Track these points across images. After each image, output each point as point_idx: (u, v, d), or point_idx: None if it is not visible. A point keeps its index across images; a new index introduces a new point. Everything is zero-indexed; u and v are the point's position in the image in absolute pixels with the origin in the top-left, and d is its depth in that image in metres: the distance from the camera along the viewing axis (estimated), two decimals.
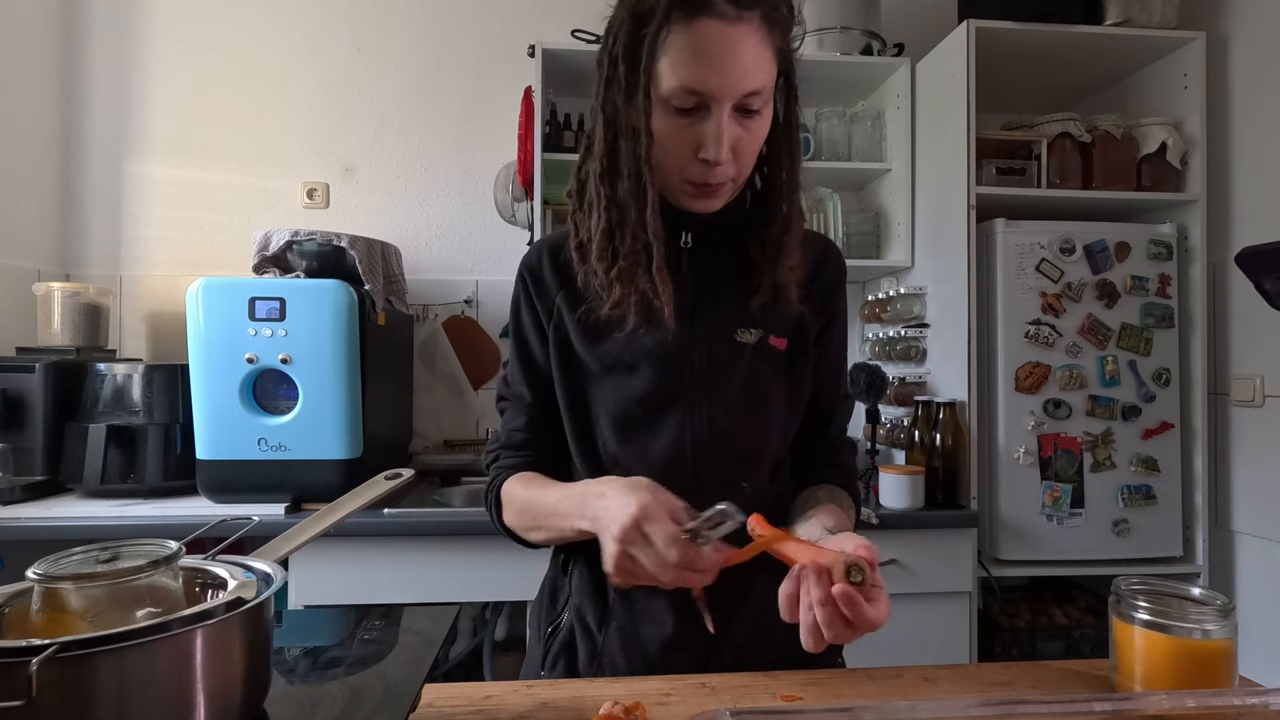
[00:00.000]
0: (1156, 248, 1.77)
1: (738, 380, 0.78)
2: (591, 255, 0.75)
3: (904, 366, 2.00)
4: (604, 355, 0.78)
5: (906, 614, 1.63)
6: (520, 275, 0.84)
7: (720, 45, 0.66)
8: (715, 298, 0.79)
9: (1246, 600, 1.76)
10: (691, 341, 0.77)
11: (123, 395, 1.64)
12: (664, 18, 0.67)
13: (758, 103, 0.69)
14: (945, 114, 1.80)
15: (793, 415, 0.83)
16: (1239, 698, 0.50)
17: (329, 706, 0.54)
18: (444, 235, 2.19)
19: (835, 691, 0.70)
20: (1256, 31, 1.77)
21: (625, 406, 0.78)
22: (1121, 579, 0.67)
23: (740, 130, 0.70)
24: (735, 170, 0.72)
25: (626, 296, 0.74)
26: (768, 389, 0.80)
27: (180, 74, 2.12)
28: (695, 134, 0.69)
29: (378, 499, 0.73)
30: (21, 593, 0.50)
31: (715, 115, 0.68)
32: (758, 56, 0.67)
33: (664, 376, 0.77)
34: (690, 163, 0.71)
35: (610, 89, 0.72)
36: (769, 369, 0.80)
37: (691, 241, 0.79)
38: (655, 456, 0.77)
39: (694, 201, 0.75)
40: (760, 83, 0.68)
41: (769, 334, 0.79)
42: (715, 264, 0.80)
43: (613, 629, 0.79)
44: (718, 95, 0.67)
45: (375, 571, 1.52)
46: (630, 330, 0.76)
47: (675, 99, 0.68)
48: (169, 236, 2.11)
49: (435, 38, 2.18)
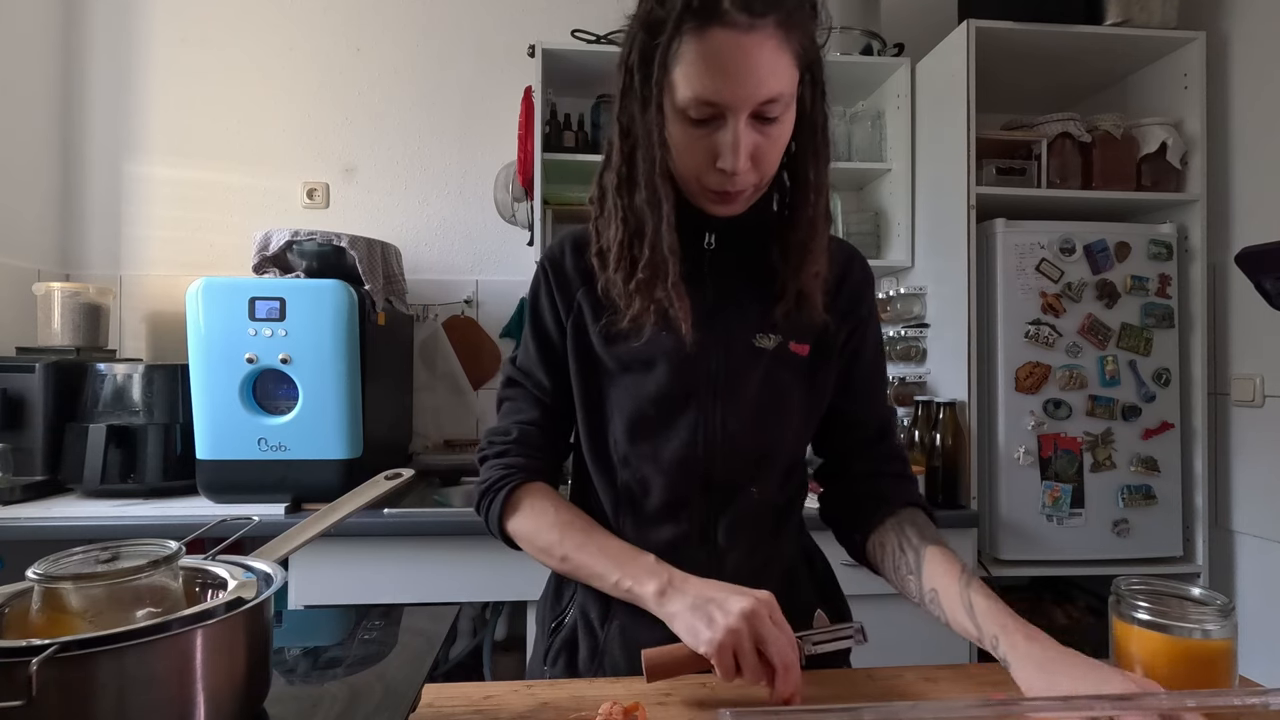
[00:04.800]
0: (1156, 248, 1.77)
1: (753, 385, 0.77)
2: (610, 265, 0.75)
3: (904, 366, 2.00)
4: (621, 354, 0.78)
5: (906, 614, 1.63)
6: (542, 265, 0.84)
7: (734, 55, 0.64)
8: (736, 301, 0.78)
9: (1246, 600, 1.76)
10: (709, 344, 0.77)
11: (123, 395, 1.64)
12: (675, 28, 0.65)
13: (776, 110, 0.67)
14: (945, 114, 1.80)
15: (809, 423, 0.82)
16: (1239, 698, 0.50)
17: (329, 706, 0.54)
18: (444, 235, 2.19)
19: (835, 691, 0.70)
20: (1256, 31, 1.77)
21: (639, 406, 0.77)
22: (1121, 579, 0.67)
23: (759, 137, 0.68)
24: (756, 177, 0.71)
25: (645, 309, 0.74)
26: (784, 395, 0.79)
27: (180, 74, 2.12)
28: (712, 144, 0.68)
29: (378, 499, 0.73)
30: (21, 593, 0.50)
31: (731, 125, 0.67)
32: (774, 63, 0.65)
33: (679, 378, 0.76)
34: (708, 171, 0.70)
35: (626, 99, 0.71)
36: (788, 375, 0.79)
37: (715, 243, 0.79)
38: (667, 457, 0.77)
39: (715, 207, 0.74)
40: (778, 89, 0.66)
41: (789, 339, 0.78)
42: (739, 267, 0.79)
43: (614, 628, 0.79)
44: (733, 106, 0.66)
45: (375, 571, 1.52)
46: (650, 331, 0.75)
47: (691, 110, 0.67)
48: (169, 236, 2.11)
49: (435, 37, 2.18)
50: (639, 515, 0.80)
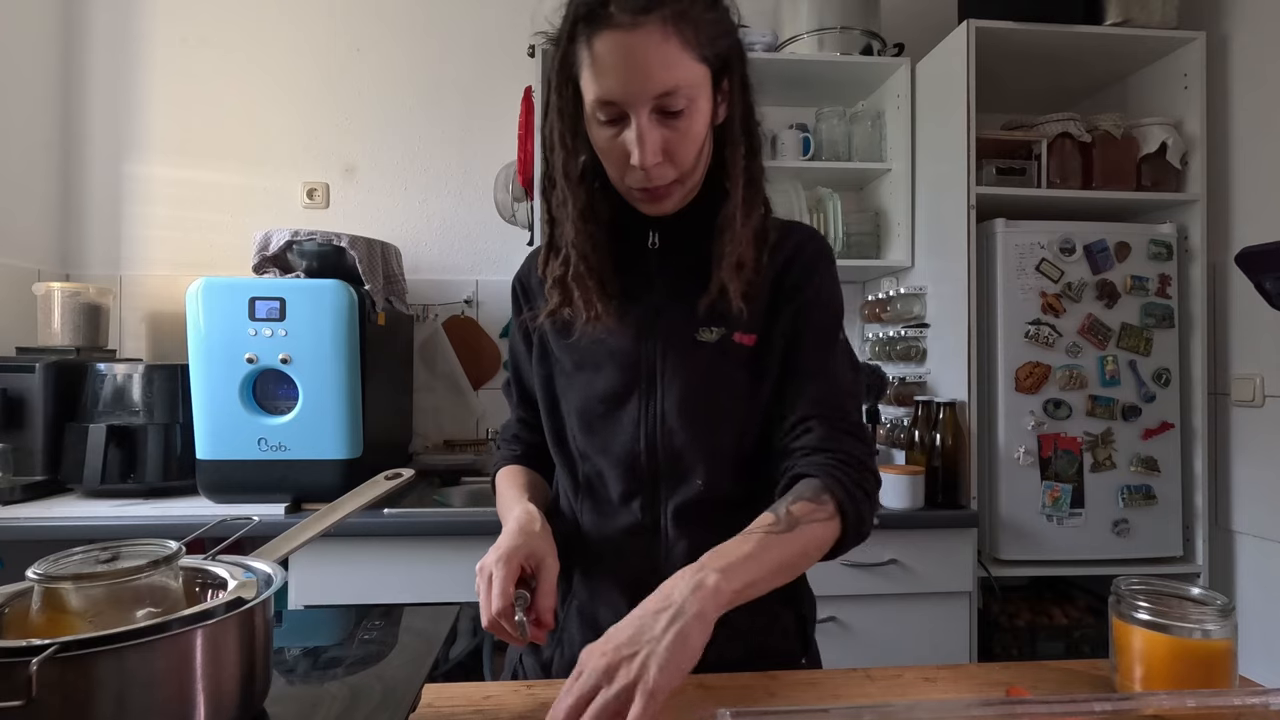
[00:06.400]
0: (1156, 248, 1.77)
1: (693, 379, 0.79)
2: (539, 263, 0.84)
3: (904, 366, 2.00)
4: (575, 353, 0.83)
5: (906, 614, 1.63)
6: (513, 288, 0.92)
7: (621, 53, 0.68)
8: (683, 298, 0.80)
9: (1246, 600, 1.76)
10: (651, 341, 0.80)
11: (123, 395, 1.64)
12: (572, 37, 0.70)
13: (678, 103, 0.69)
14: (945, 114, 1.80)
15: (755, 412, 0.79)
16: (1239, 698, 0.50)
17: (329, 706, 0.54)
18: (444, 235, 2.19)
19: (835, 692, 0.70)
20: (1256, 31, 1.77)
21: (588, 404, 0.82)
22: (1121, 579, 0.67)
23: (666, 132, 0.71)
24: (674, 172, 0.73)
25: (563, 304, 0.79)
26: (725, 387, 0.79)
27: (180, 74, 2.12)
28: (623, 142, 0.71)
29: (378, 499, 0.74)
30: (21, 593, 0.50)
31: (634, 122, 0.70)
32: (664, 57, 0.68)
33: (622, 375, 0.80)
34: (627, 171, 0.73)
35: (546, 107, 0.77)
36: (729, 366, 0.78)
37: (659, 242, 0.82)
38: (615, 450, 0.81)
39: (645, 206, 0.78)
40: (672, 83, 0.68)
41: (733, 331, 0.78)
42: (682, 264, 0.81)
43: (573, 608, 0.83)
44: (628, 102, 0.69)
45: (375, 571, 1.52)
46: (600, 331, 0.79)
47: (599, 112, 0.71)
48: (169, 236, 2.11)
49: (435, 37, 2.18)
50: (598, 504, 0.83)
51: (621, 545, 0.81)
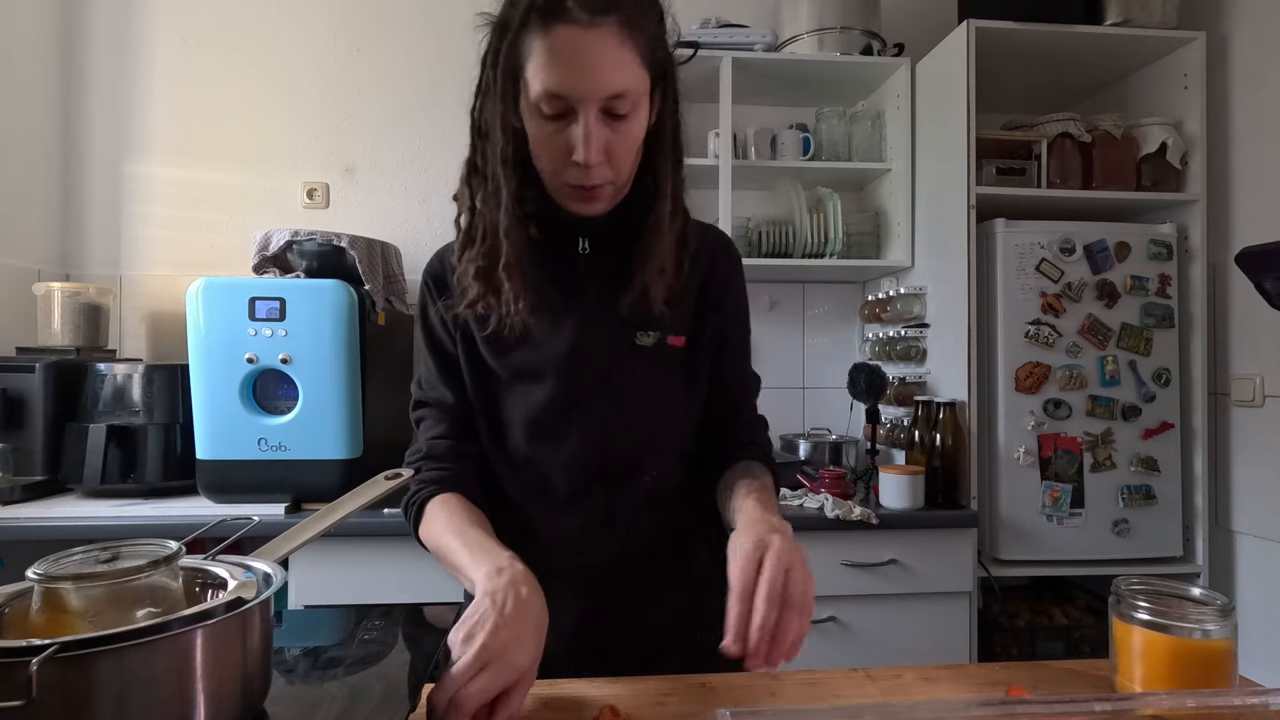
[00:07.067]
0: (1156, 248, 1.77)
1: (638, 382, 0.82)
2: (457, 253, 0.80)
3: (904, 366, 2.00)
4: (512, 364, 0.82)
5: (906, 614, 1.63)
6: (425, 283, 0.88)
7: (578, 50, 0.67)
8: (611, 301, 0.80)
9: (1246, 600, 1.76)
10: (592, 348, 0.80)
11: (123, 395, 1.64)
12: (521, 25, 0.69)
13: (624, 106, 0.70)
14: (945, 114, 1.80)
15: (692, 408, 0.87)
16: (1239, 698, 0.50)
17: (329, 706, 0.54)
18: (444, 235, 2.14)
19: (835, 691, 0.70)
20: (1256, 31, 1.77)
21: (533, 414, 0.82)
22: (1121, 579, 0.67)
23: (610, 133, 0.71)
24: (611, 174, 0.74)
25: (481, 295, 0.77)
26: (667, 388, 0.84)
27: (180, 74, 2.12)
28: (566, 139, 0.71)
29: (378, 499, 0.74)
30: (21, 593, 0.50)
31: (583, 119, 0.69)
32: (618, 60, 0.68)
33: (567, 383, 0.80)
34: (565, 166, 0.73)
35: (479, 95, 0.76)
36: (666, 368, 0.83)
37: (590, 248, 0.82)
38: (564, 457, 0.82)
39: (576, 205, 0.77)
40: (622, 86, 0.69)
41: (667, 334, 0.82)
42: (613, 270, 0.81)
43: None
44: (580, 98, 0.69)
45: (375, 571, 1.52)
46: (535, 339, 0.79)
47: (544, 105, 0.70)
48: (169, 236, 2.11)
49: (435, 37, 2.18)
50: (546, 505, 0.84)
51: (576, 541, 0.83)
